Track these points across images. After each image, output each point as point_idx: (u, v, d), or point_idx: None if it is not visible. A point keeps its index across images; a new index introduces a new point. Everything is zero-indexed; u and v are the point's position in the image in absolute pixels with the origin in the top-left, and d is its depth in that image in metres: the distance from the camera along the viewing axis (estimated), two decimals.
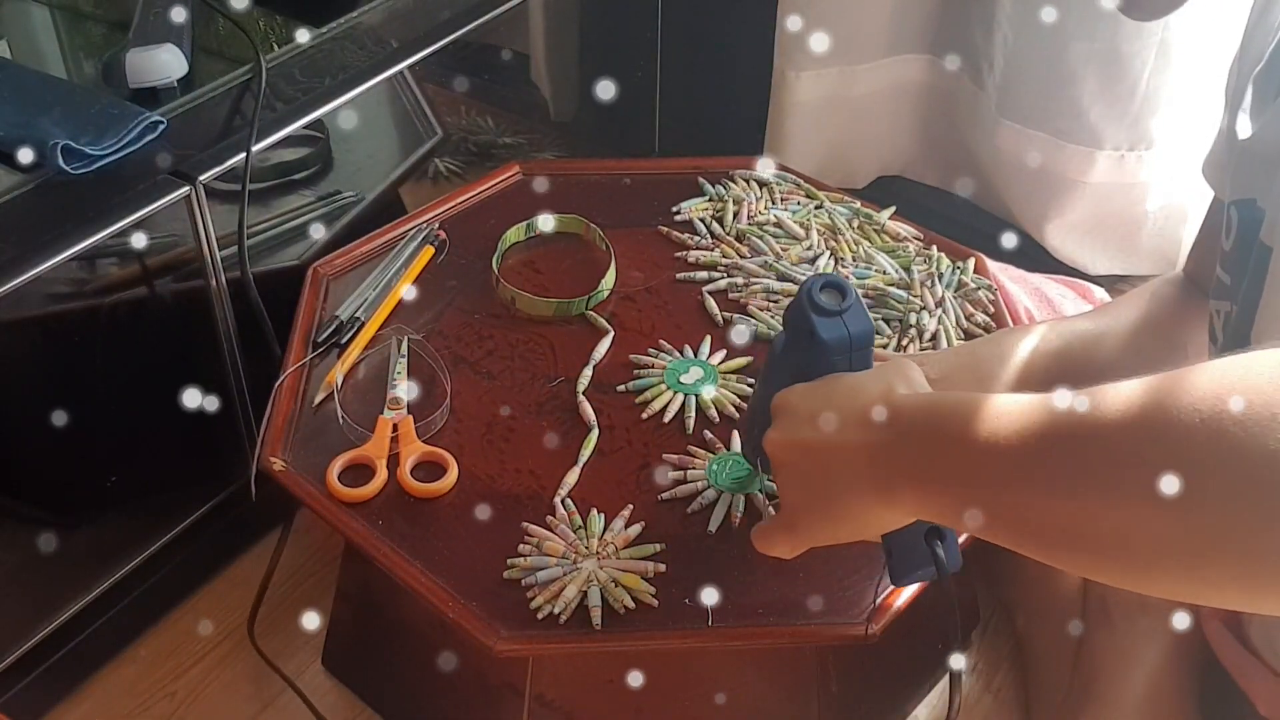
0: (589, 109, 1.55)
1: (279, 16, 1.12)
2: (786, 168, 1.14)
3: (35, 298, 0.89)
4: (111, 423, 1.01)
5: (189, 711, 1.04)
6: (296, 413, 0.88)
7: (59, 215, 0.88)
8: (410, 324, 0.96)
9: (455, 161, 1.39)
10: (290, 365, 0.91)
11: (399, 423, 0.86)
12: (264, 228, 1.12)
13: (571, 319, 0.98)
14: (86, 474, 1.04)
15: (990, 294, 0.99)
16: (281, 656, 1.04)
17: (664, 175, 1.14)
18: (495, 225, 1.05)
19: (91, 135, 0.91)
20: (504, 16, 1.20)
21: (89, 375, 0.95)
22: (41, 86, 0.96)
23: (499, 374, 0.92)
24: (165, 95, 1.00)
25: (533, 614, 0.75)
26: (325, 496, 0.82)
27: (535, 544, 0.79)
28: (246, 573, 1.15)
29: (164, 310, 1.02)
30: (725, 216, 1.08)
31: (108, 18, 1.16)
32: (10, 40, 1.13)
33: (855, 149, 1.45)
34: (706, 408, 0.89)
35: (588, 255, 1.05)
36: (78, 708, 1.04)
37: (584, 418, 0.88)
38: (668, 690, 0.86)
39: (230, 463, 1.10)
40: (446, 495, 0.83)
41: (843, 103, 1.40)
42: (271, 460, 0.83)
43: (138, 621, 1.09)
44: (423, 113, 1.32)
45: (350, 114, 1.10)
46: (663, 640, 0.75)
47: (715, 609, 0.75)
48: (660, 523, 0.81)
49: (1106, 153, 1.27)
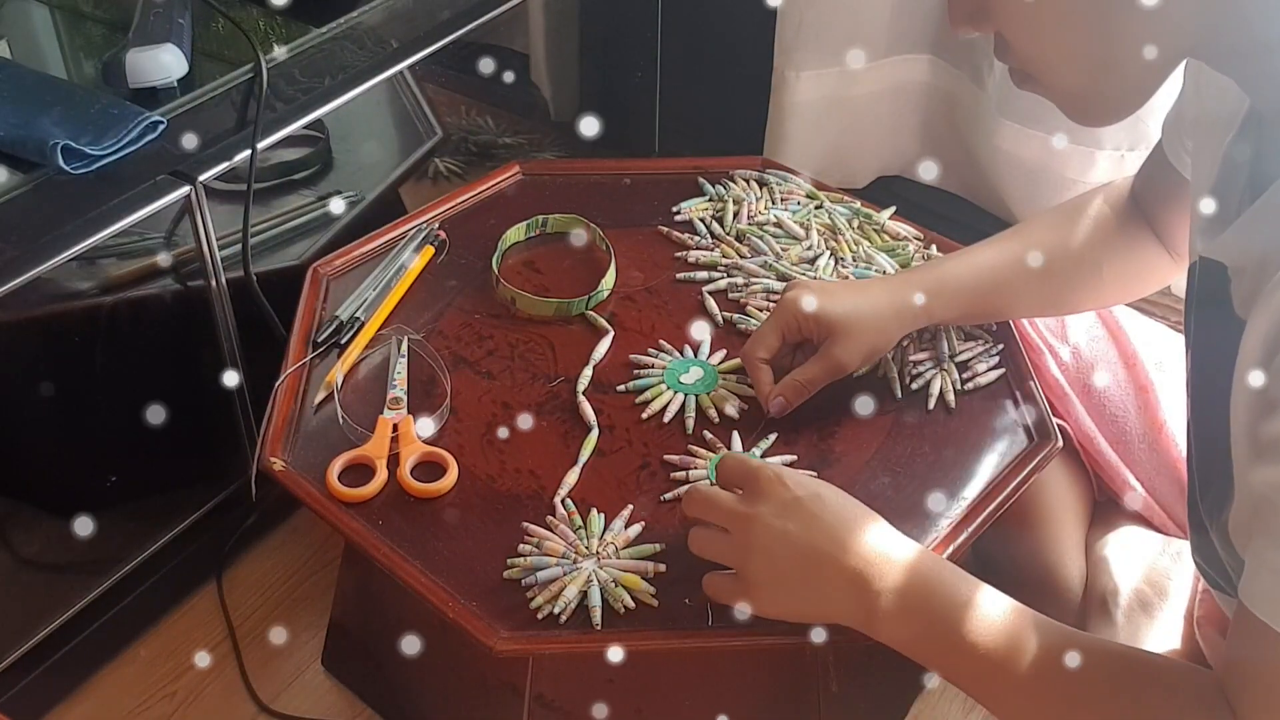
0: (589, 109, 1.55)
1: (279, 16, 1.12)
2: (788, 168, 1.14)
3: (35, 297, 0.89)
4: (111, 423, 1.01)
5: (189, 711, 1.04)
6: (296, 413, 0.88)
7: (59, 215, 0.88)
8: (410, 324, 0.96)
9: (455, 161, 1.39)
10: (290, 365, 0.91)
11: (399, 423, 0.86)
12: (264, 228, 1.12)
13: (571, 319, 0.98)
14: (87, 474, 1.04)
15: None
16: (281, 656, 1.04)
17: (664, 175, 1.14)
18: (495, 225, 1.05)
19: (92, 135, 0.91)
20: (504, 16, 1.20)
21: (89, 376, 0.95)
22: (42, 86, 0.96)
23: (499, 374, 0.92)
24: (165, 95, 1.00)
25: (533, 614, 0.75)
26: (325, 496, 0.82)
27: (535, 544, 0.79)
28: (247, 573, 1.15)
29: (163, 310, 1.02)
30: (725, 216, 1.08)
31: (108, 18, 1.16)
32: (10, 40, 1.13)
33: (855, 149, 1.45)
34: (707, 408, 0.89)
35: (588, 255, 1.05)
36: (78, 708, 1.04)
37: (584, 418, 0.88)
38: (668, 690, 0.86)
39: (230, 463, 1.10)
40: (446, 495, 0.83)
41: (843, 103, 1.40)
42: (272, 460, 0.83)
43: (138, 621, 1.09)
44: (423, 113, 1.32)
45: (350, 114, 1.10)
46: (663, 640, 0.75)
47: (715, 609, 0.75)
48: (660, 523, 0.81)
49: (1106, 153, 1.27)
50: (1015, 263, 0.89)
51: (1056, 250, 0.89)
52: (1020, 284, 0.90)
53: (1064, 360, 0.96)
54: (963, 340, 0.95)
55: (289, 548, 1.17)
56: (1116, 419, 0.95)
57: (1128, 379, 0.96)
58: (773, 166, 1.14)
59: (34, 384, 0.95)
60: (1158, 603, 0.89)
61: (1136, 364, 0.96)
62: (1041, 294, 0.91)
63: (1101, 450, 0.95)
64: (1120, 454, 0.95)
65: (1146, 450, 0.95)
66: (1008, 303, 0.92)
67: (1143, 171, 0.90)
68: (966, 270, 0.90)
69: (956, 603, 0.68)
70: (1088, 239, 0.90)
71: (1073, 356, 0.97)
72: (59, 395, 0.94)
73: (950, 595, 0.69)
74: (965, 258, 0.92)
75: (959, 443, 0.88)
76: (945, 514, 0.82)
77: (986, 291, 0.90)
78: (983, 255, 0.91)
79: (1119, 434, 0.95)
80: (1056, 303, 0.93)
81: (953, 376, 0.92)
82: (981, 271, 0.90)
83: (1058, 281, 0.90)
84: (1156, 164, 0.87)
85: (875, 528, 0.72)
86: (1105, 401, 0.96)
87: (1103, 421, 0.95)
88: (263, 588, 1.13)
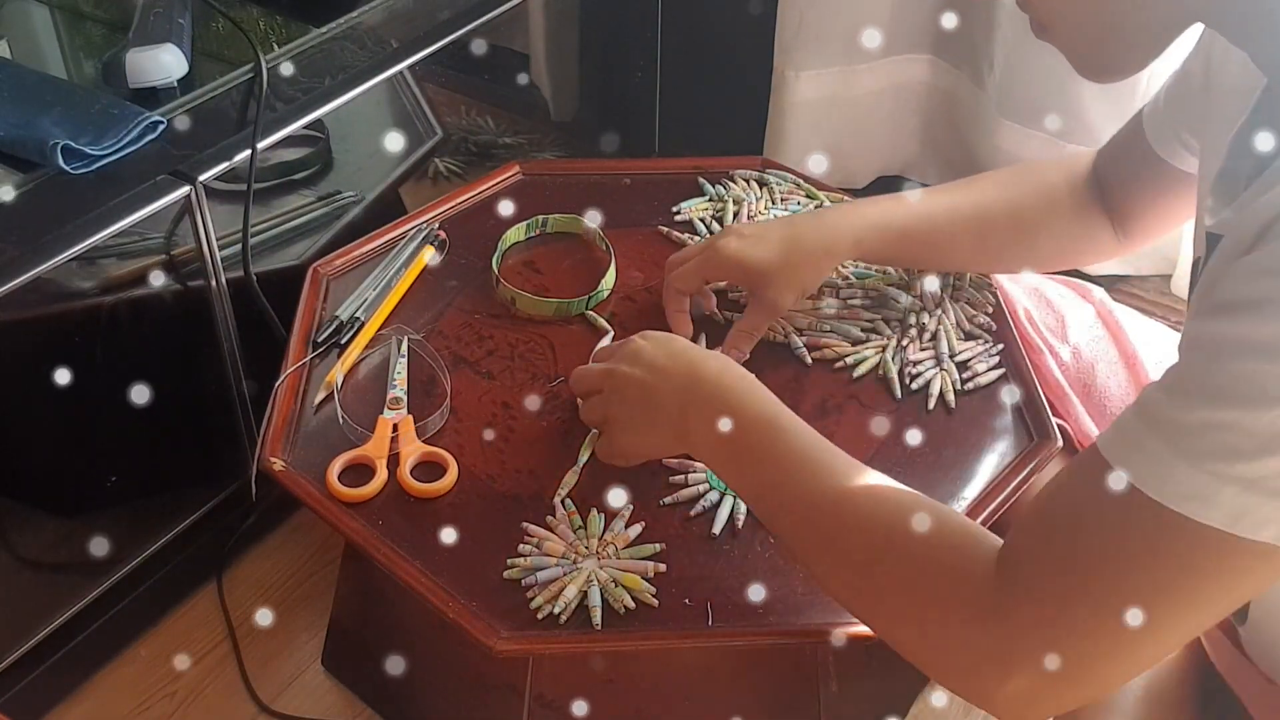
0: (589, 109, 1.55)
1: (279, 16, 1.12)
2: (786, 168, 1.14)
3: (35, 297, 0.89)
4: (112, 423, 1.01)
5: (189, 711, 1.04)
6: (296, 412, 0.88)
7: (59, 215, 0.88)
8: (410, 324, 0.96)
9: (455, 161, 1.39)
10: (290, 365, 0.91)
11: (399, 423, 0.86)
12: (264, 228, 1.13)
13: (571, 319, 0.98)
14: (87, 474, 1.05)
15: (989, 294, 0.99)
16: (281, 656, 1.04)
17: (664, 175, 1.14)
18: (495, 225, 1.05)
19: (92, 135, 0.91)
20: (504, 16, 1.20)
21: (89, 376, 0.95)
22: (42, 86, 0.96)
23: (499, 374, 0.92)
24: (165, 95, 1.00)
25: (533, 614, 0.75)
26: (325, 496, 0.82)
27: (535, 544, 0.79)
28: (248, 572, 1.15)
29: (164, 310, 1.02)
30: (725, 216, 1.08)
31: (108, 18, 1.16)
32: (11, 40, 1.13)
33: (855, 149, 1.45)
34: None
35: (588, 255, 1.05)
36: (78, 708, 1.04)
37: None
38: (668, 690, 0.86)
39: (230, 463, 1.10)
40: (446, 495, 0.83)
41: (843, 103, 1.40)
42: (272, 460, 0.83)
43: (138, 621, 1.09)
44: (423, 113, 1.32)
45: (350, 114, 1.10)
46: (663, 640, 0.75)
47: (715, 609, 0.75)
48: (660, 523, 0.81)
49: None
50: (952, 211, 0.91)
51: (998, 206, 0.91)
52: (956, 233, 0.91)
53: (1064, 360, 0.96)
54: (963, 340, 0.95)
55: (289, 548, 1.17)
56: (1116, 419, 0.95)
57: (1128, 379, 0.96)
58: (773, 167, 1.14)
59: (34, 384, 0.95)
60: None
61: (1136, 364, 0.96)
62: (976, 246, 0.92)
63: None
64: None
65: None
66: (941, 251, 0.93)
67: (1109, 150, 0.91)
68: (903, 212, 0.91)
69: (766, 416, 0.72)
70: (1032, 201, 0.91)
71: (1073, 356, 0.97)
72: (59, 395, 0.94)
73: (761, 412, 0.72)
74: (903, 201, 0.92)
75: (959, 443, 0.88)
76: None
77: (921, 236, 0.91)
78: (922, 201, 0.92)
79: None
80: (990, 258, 0.95)
81: (953, 376, 0.92)
82: (918, 216, 0.91)
83: (994, 236, 0.91)
84: (1128, 145, 0.87)
85: (711, 362, 0.75)
86: (1105, 401, 0.96)
87: (1103, 421, 0.95)
88: (263, 588, 1.13)
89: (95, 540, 1.01)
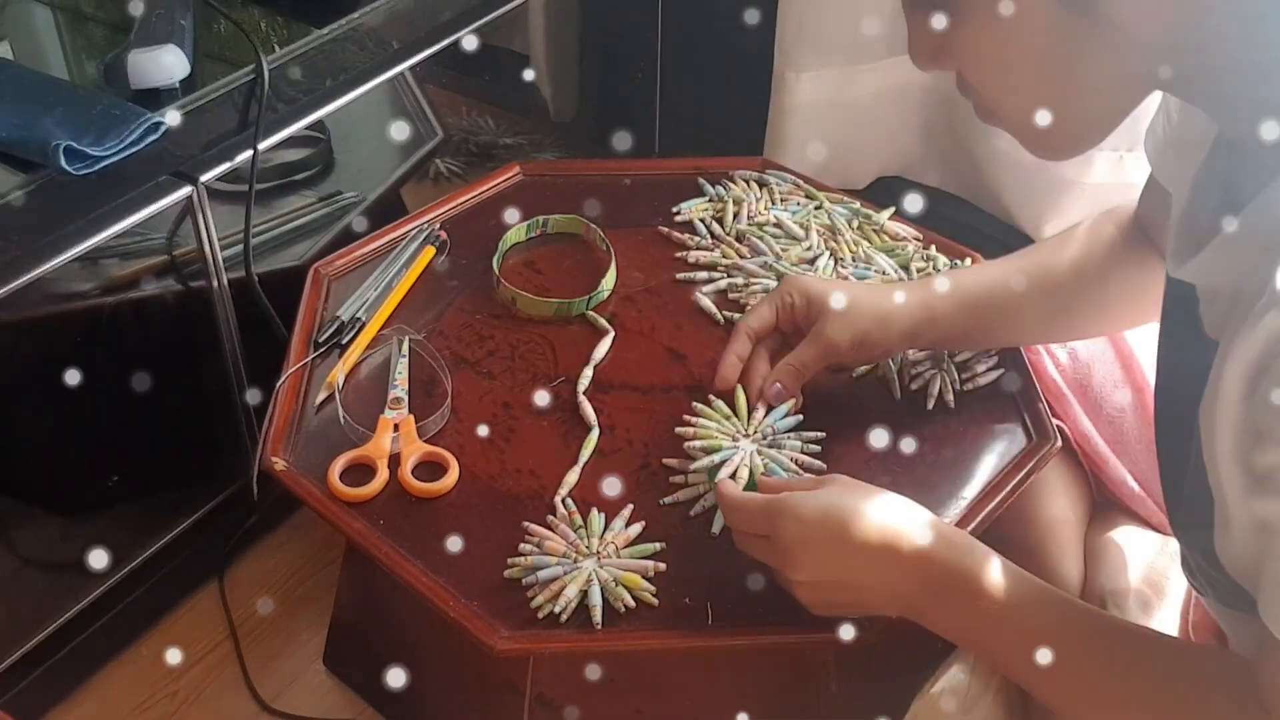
0: (589, 109, 1.55)
1: (280, 18, 1.12)
2: (786, 168, 1.14)
3: (37, 298, 0.89)
4: (113, 423, 1.02)
5: (190, 711, 1.04)
6: (298, 413, 0.88)
7: (61, 216, 0.88)
8: (411, 324, 0.96)
9: (456, 162, 1.39)
10: (292, 365, 0.91)
11: (400, 422, 0.87)
12: (265, 228, 1.13)
13: (572, 319, 0.98)
14: (89, 474, 1.05)
15: None
16: (282, 656, 1.04)
17: (664, 175, 1.14)
18: (496, 225, 1.06)
19: (93, 136, 0.91)
20: (504, 17, 1.20)
21: (91, 376, 0.95)
22: (44, 87, 0.97)
23: (499, 374, 0.93)
24: (167, 96, 1.00)
25: (533, 613, 0.75)
26: (326, 496, 0.82)
27: (536, 543, 0.79)
28: (249, 572, 1.15)
29: (165, 310, 1.02)
30: (725, 217, 1.08)
31: (110, 19, 1.16)
32: (13, 41, 1.13)
33: (855, 150, 1.46)
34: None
35: (588, 255, 1.05)
36: (78, 708, 1.04)
37: (584, 418, 0.89)
38: (668, 690, 0.86)
39: (232, 462, 1.11)
40: (447, 495, 0.83)
41: (843, 103, 1.40)
42: (273, 460, 0.84)
43: (139, 620, 1.09)
44: (423, 113, 1.32)
45: (351, 115, 1.10)
46: (663, 640, 0.75)
47: (715, 609, 0.75)
48: (660, 523, 0.81)
49: (1105, 153, 1.27)
50: (1020, 276, 0.88)
51: (1063, 268, 0.88)
52: (1026, 299, 0.88)
53: (1062, 361, 0.97)
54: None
55: (290, 547, 1.17)
56: (1114, 419, 0.96)
57: (1125, 379, 0.96)
58: (772, 167, 1.15)
59: (36, 384, 0.96)
60: (1156, 602, 0.90)
61: (1133, 364, 0.97)
62: (1047, 310, 0.89)
63: (1099, 450, 0.95)
64: (1118, 454, 0.96)
65: (1144, 450, 0.95)
66: (1013, 319, 0.90)
67: (1145, 196, 0.90)
68: (972, 279, 0.90)
69: (997, 585, 0.69)
70: (1096, 258, 0.88)
71: (1070, 357, 0.97)
72: (61, 395, 0.94)
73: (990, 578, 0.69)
74: (970, 270, 0.92)
75: (958, 443, 0.88)
76: (944, 514, 0.82)
77: (992, 302, 0.88)
78: (989, 269, 0.92)
79: (1116, 434, 0.96)
80: (1063, 322, 0.91)
81: (952, 376, 0.92)
82: (988, 283, 0.89)
83: (1064, 298, 0.88)
84: (1153, 188, 0.86)
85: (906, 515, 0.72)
86: (1103, 402, 0.96)
87: (1100, 422, 0.96)
88: (264, 587, 1.13)
89: (97, 540, 1.01)
